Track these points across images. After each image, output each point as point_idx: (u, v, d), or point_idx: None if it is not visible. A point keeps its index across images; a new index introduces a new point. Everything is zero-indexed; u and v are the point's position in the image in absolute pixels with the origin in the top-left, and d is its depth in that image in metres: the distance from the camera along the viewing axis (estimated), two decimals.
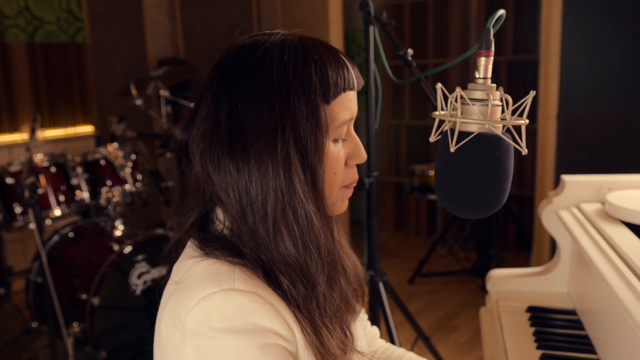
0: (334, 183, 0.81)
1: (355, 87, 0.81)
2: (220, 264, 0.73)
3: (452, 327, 3.01)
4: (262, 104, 0.74)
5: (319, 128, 0.75)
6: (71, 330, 2.41)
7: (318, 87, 0.75)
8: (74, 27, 4.00)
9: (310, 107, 0.75)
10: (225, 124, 0.75)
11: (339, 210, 0.85)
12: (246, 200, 0.75)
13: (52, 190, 2.53)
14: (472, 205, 0.77)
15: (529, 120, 0.77)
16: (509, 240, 4.11)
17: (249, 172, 0.74)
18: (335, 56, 0.79)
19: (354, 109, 0.81)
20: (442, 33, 4.23)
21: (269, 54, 0.76)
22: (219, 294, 0.68)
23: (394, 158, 4.63)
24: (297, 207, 0.74)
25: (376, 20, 1.55)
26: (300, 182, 0.74)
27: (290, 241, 0.74)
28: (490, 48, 0.78)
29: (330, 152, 0.79)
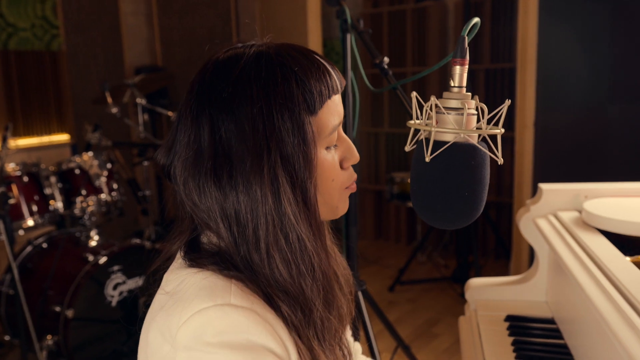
0: (334, 189, 0.79)
1: (339, 90, 0.79)
2: (216, 277, 0.71)
3: (432, 335, 3.00)
4: (245, 126, 0.71)
5: (307, 142, 0.73)
6: (44, 343, 2.35)
7: (301, 100, 0.73)
8: (49, 34, 3.94)
9: (295, 122, 0.72)
10: (208, 150, 0.72)
11: (343, 210, 0.83)
12: (237, 228, 0.72)
13: (24, 200, 2.48)
14: (448, 216, 0.76)
15: (504, 130, 0.76)
16: (488, 247, 4.13)
17: (237, 199, 0.71)
18: (315, 63, 0.76)
19: (341, 112, 0.80)
20: (420, 42, 4.25)
21: (246, 71, 0.73)
22: (213, 308, 0.66)
23: (374, 166, 4.63)
24: (288, 231, 0.71)
25: (353, 28, 1.54)
26: (291, 204, 0.71)
27: (284, 267, 0.71)
28: (465, 56, 0.77)
29: (325, 160, 0.77)
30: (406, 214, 4.45)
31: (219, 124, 0.72)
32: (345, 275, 0.92)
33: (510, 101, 0.76)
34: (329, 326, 0.74)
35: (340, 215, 0.84)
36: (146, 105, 3.08)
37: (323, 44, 4.13)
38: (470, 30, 0.79)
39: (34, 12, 3.84)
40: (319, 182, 0.76)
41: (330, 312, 0.75)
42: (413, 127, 0.79)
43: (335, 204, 0.80)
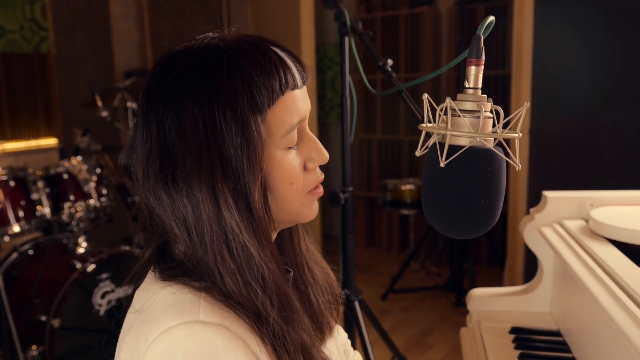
0: (294, 194, 0.72)
1: (299, 85, 0.72)
2: (184, 293, 0.66)
3: (427, 345, 2.96)
4: (186, 124, 0.66)
5: (251, 144, 0.66)
6: (29, 353, 2.27)
7: (246, 97, 0.66)
8: (38, 36, 3.87)
9: (239, 121, 0.66)
10: (156, 150, 0.67)
11: (308, 216, 0.77)
12: (187, 235, 0.67)
13: (10, 206, 2.40)
14: (463, 225, 0.72)
15: (522, 134, 0.72)
16: (481, 255, 4.10)
17: (182, 203, 0.66)
18: (267, 55, 0.69)
19: (302, 110, 0.72)
20: (413, 47, 4.23)
21: (191, 64, 0.68)
22: (181, 327, 0.61)
23: (366, 172, 4.60)
24: (231, 239, 0.65)
25: (352, 30, 1.51)
26: (231, 210, 0.65)
27: (230, 277, 0.65)
28: (481, 56, 0.73)
29: (282, 162, 0.71)
30: (399, 221, 4.41)
31: (164, 122, 0.67)
32: (326, 282, 0.87)
33: (529, 104, 0.72)
34: (290, 339, 0.68)
35: (306, 221, 0.78)
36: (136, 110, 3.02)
37: (316, 49, 4.10)
38: (485, 29, 0.75)
39: (22, 14, 3.77)
40: (274, 186, 0.71)
41: (290, 324, 0.68)
42: (425, 130, 0.74)
43: (296, 210, 0.74)
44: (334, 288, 0.89)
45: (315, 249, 0.90)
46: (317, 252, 0.89)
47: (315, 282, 0.84)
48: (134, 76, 3.80)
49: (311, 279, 0.84)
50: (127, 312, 0.72)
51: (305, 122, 0.75)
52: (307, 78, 0.75)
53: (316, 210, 0.78)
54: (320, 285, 0.85)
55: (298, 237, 0.84)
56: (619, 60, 2.72)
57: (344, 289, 1.85)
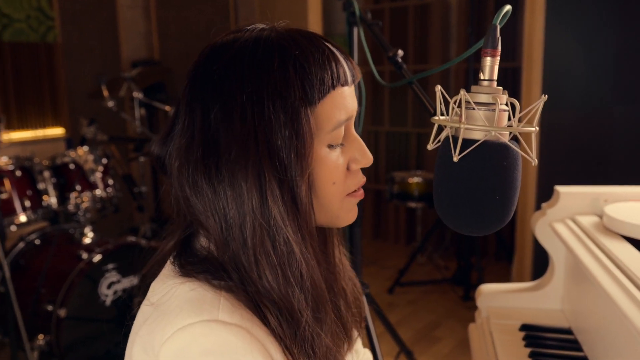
0: (335, 194, 0.70)
1: (349, 82, 0.71)
2: (205, 290, 0.64)
3: (434, 339, 2.94)
4: (233, 113, 0.64)
5: (300, 136, 0.64)
6: (35, 343, 2.28)
7: (298, 87, 0.65)
8: (44, 25, 3.86)
9: (289, 112, 0.64)
10: (199, 138, 0.65)
11: (346, 221, 0.74)
12: (225, 225, 0.65)
13: (17, 195, 2.40)
14: (476, 221, 0.70)
15: (538, 128, 0.70)
16: (489, 249, 4.08)
17: (225, 194, 0.64)
18: (321, 48, 0.68)
19: (350, 107, 0.71)
20: (422, 39, 4.19)
21: (241, 53, 0.66)
22: (199, 325, 0.59)
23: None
24: (274, 232, 0.64)
25: (362, 20, 1.48)
26: (277, 203, 0.63)
27: (270, 272, 0.63)
28: (497, 47, 0.71)
29: (326, 159, 0.69)
30: (406, 214, 4.39)
31: (209, 109, 0.65)
32: (354, 294, 0.85)
33: (546, 97, 0.69)
34: (319, 343, 0.66)
35: (343, 225, 0.75)
36: (143, 100, 3.01)
37: None
38: (502, 19, 0.73)
39: (29, 3, 3.75)
40: (317, 183, 0.68)
41: (321, 327, 0.67)
42: (438, 123, 0.72)
43: (336, 211, 0.72)
44: (359, 302, 0.87)
45: (346, 258, 0.88)
46: (348, 263, 0.87)
47: (345, 294, 0.83)
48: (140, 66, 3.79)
49: (342, 290, 0.82)
50: (136, 303, 0.71)
51: (352, 121, 0.73)
52: (357, 77, 0.73)
53: (355, 215, 0.75)
54: (348, 297, 0.83)
55: (332, 246, 0.82)
56: (631, 53, 2.67)
57: None
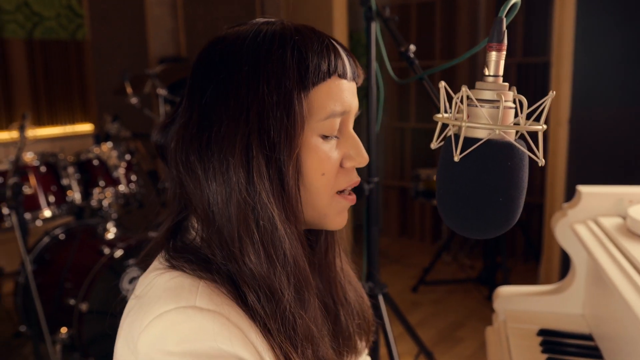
0: (324, 186, 0.69)
1: (348, 77, 0.70)
2: (184, 278, 0.63)
3: (457, 339, 2.89)
4: (229, 91, 0.65)
5: (290, 118, 0.65)
6: (58, 336, 2.31)
7: (294, 70, 0.65)
8: (74, 23, 3.92)
9: (282, 93, 0.64)
10: (195, 116, 0.66)
11: (335, 223, 0.73)
12: (211, 201, 0.65)
13: (42, 191, 2.44)
14: (479, 224, 0.66)
15: (546, 126, 0.66)
16: (517, 248, 3.99)
17: (213, 169, 0.64)
18: (323, 40, 0.68)
19: (347, 102, 0.70)
20: (449, 34, 4.11)
21: (242, 37, 0.67)
22: (175, 311, 0.58)
23: (399, 162, 4.52)
24: (259, 209, 0.64)
25: (378, 16, 1.45)
26: (262, 180, 0.64)
27: (252, 249, 0.63)
28: (503, 41, 0.67)
29: (317, 148, 0.68)
30: (431, 211, 4.32)
31: (206, 89, 0.66)
32: (359, 305, 0.83)
33: (555, 93, 0.65)
34: (301, 323, 0.65)
35: (331, 228, 0.74)
36: (167, 96, 3.02)
37: (349, 35, 4.03)
38: (509, 12, 0.69)
39: (59, 1, 3.82)
40: (306, 171, 0.68)
41: (303, 308, 0.66)
42: (440, 121, 0.69)
43: (323, 209, 0.71)
44: (366, 313, 0.85)
45: (351, 269, 0.86)
46: (353, 273, 0.86)
47: (347, 303, 0.81)
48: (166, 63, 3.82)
49: (343, 298, 0.81)
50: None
51: (350, 118, 0.72)
52: (359, 77, 0.73)
53: (345, 220, 0.74)
54: (352, 306, 0.82)
55: (333, 253, 0.81)
56: None
57: (368, 282, 1.81)
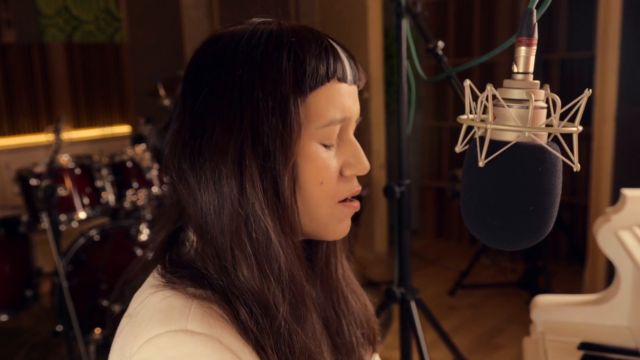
0: (323, 196, 0.65)
1: (348, 80, 0.66)
2: (176, 298, 0.60)
3: (495, 346, 2.80)
4: (222, 95, 0.61)
5: (286, 125, 0.61)
6: (92, 337, 2.34)
7: (290, 74, 0.61)
8: (112, 26, 3.98)
9: (278, 98, 0.60)
10: (188, 122, 0.63)
11: (336, 233, 0.68)
12: (204, 211, 0.62)
13: (77, 193, 2.47)
14: (506, 235, 0.60)
15: (582, 127, 0.60)
16: (560, 251, 3.84)
17: (205, 178, 0.61)
18: (320, 41, 0.64)
19: (348, 108, 0.66)
20: (489, 31, 3.99)
21: (238, 38, 0.63)
22: (166, 335, 0.56)
23: (436, 162, 4.42)
24: (252, 221, 0.60)
25: (407, 11, 1.39)
26: (256, 190, 0.60)
27: (244, 262, 0.60)
28: (533, 35, 0.61)
29: (315, 156, 0.64)
30: None
31: (200, 92, 0.62)
32: (363, 313, 0.79)
33: (591, 91, 0.59)
34: (297, 340, 0.61)
35: (332, 239, 0.69)
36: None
37: (384, 33, 3.96)
38: (540, 3, 0.63)
39: (97, 5, 3.88)
40: (303, 181, 0.64)
41: (299, 324, 0.62)
42: (465, 123, 0.63)
43: (323, 219, 0.66)
44: (370, 322, 0.80)
45: (355, 277, 0.82)
46: (357, 281, 0.82)
47: (349, 313, 0.77)
48: None
49: (345, 308, 0.77)
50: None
51: (350, 125, 0.68)
52: (360, 80, 0.69)
53: (347, 228, 0.70)
54: (355, 317, 0.78)
55: (335, 261, 0.77)
56: None
57: (400, 287, 1.75)
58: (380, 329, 0.84)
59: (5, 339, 2.84)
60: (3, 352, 2.73)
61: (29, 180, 2.41)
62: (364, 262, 3.89)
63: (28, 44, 3.58)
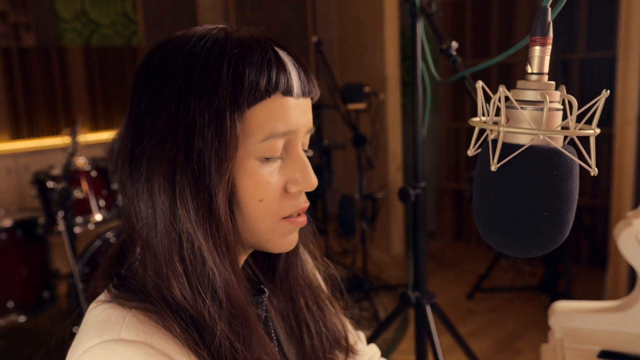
0: (263, 214, 0.63)
1: (295, 93, 0.63)
2: (114, 309, 0.59)
3: (515, 350, 2.75)
4: (161, 105, 0.59)
5: (223, 140, 0.58)
6: None
7: (228, 88, 0.59)
8: (129, 30, 4.01)
9: (214, 112, 0.58)
10: (130, 130, 0.62)
11: (280, 247, 0.66)
12: (141, 225, 0.60)
13: (93, 195, 2.49)
14: (520, 242, 0.58)
15: (600, 130, 0.57)
16: (581, 254, 3.77)
17: (141, 192, 0.60)
18: (264, 51, 0.61)
19: (293, 121, 0.63)
20: (507, 31, 3.94)
21: (181, 45, 0.61)
22: (100, 346, 0.55)
23: (454, 164, 4.37)
24: (183, 239, 0.58)
25: (422, 12, 1.36)
26: (186, 208, 0.58)
27: (175, 281, 0.58)
28: (548, 34, 0.59)
29: (254, 173, 0.61)
30: None
31: (141, 100, 0.61)
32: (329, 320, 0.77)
33: (609, 92, 0.56)
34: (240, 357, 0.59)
35: (277, 252, 0.67)
36: None
37: (401, 34, 3.93)
38: (555, 1, 0.60)
39: (114, 8, 3.92)
40: (241, 198, 0.62)
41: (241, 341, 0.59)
42: (477, 125, 0.61)
43: (264, 235, 0.64)
44: (336, 333, 0.77)
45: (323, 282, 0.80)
46: (324, 288, 0.79)
47: (314, 320, 0.75)
48: None
49: (309, 315, 0.74)
50: None
51: (298, 138, 0.65)
52: (312, 92, 0.65)
53: (293, 242, 0.67)
54: (320, 325, 0.75)
55: (295, 272, 0.75)
56: None
57: (415, 291, 1.72)
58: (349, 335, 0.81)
59: (24, 339, 2.87)
60: (22, 352, 2.75)
61: (46, 182, 2.43)
62: (380, 265, 3.85)
63: (47, 48, 3.62)
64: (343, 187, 4.47)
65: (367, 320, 3.05)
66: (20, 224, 2.52)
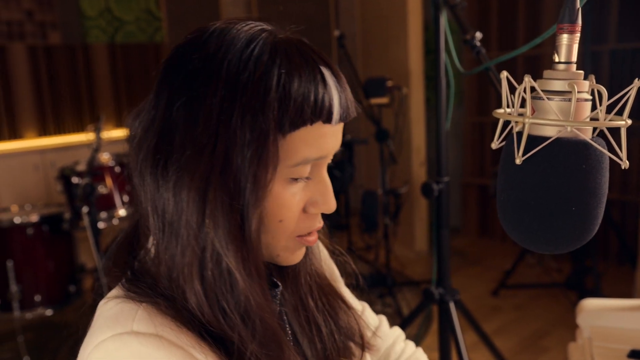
0: (281, 232, 0.61)
1: (333, 121, 0.60)
2: (125, 303, 0.58)
3: (541, 349, 2.70)
4: (199, 113, 0.56)
5: (263, 162, 0.56)
6: None
7: (274, 109, 0.55)
8: (152, 26, 4.04)
9: (256, 132, 0.55)
10: (157, 126, 0.58)
11: (287, 261, 0.65)
12: (161, 227, 0.58)
13: (117, 190, 2.51)
14: (547, 238, 0.56)
15: (631, 121, 0.54)
16: (610, 250, 3.69)
17: (166, 196, 0.57)
18: (313, 74, 0.58)
19: (327, 147, 0.61)
20: (534, 22, 3.86)
21: (228, 47, 0.57)
22: (111, 339, 0.54)
23: (478, 158, 4.31)
24: (204, 253, 0.56)
25: (445, 3, 1.33)
26: (216, 227, 0.56)
27: (194, 299, 0.57)
28: (576, 21, 0.56)
29: (280, 194, 0.59)
30: None
31: (175, 99, 0.57)
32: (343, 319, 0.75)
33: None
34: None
35: (284, 265, 0.66)
36: None
37: (424, 27, 3.88)
38: None
39: (138, 5, 3.95)
40: (263, 216, 0.60)
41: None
42: (502, 117, 0.59)
43: (276, 250, 0.63)
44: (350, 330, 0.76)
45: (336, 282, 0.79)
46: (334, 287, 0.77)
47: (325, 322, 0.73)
48: None
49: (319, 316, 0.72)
50: None
51: (327, 161, 0.63)
52: (350, 116, 0.63)
53: (299, 257, 0.66)
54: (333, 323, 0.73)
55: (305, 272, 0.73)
56: None
57: (438, 288, 1.70)
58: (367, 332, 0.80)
59: (51, 332, 2.92)
60: (49, 345, 2.80)
61: (71, 178, 2.46)
62: (403, 261, 3.83)
63: (72, 46, 3.66)
64: (366, 183, 4.44)
65: (390, 317, 3.03)
66: (46, 219, 2.56)
